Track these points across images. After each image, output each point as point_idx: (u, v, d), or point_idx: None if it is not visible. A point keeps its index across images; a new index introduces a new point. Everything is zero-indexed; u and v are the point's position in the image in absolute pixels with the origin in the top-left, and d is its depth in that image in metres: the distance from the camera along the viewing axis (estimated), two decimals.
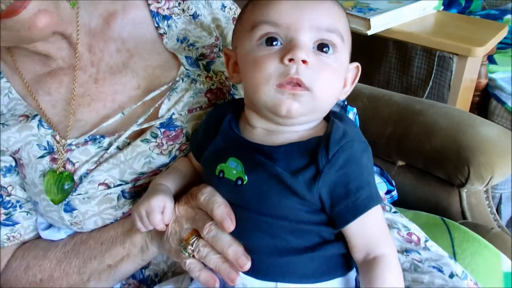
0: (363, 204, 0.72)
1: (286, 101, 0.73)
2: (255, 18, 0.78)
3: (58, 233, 1.00)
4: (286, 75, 0.73)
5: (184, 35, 1.05)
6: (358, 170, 0.73)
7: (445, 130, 1.33)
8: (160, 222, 0.83)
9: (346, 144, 0.74)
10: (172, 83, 1.00)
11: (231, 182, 0.78)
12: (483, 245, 1.11)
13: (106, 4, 1.03)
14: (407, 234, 0.96)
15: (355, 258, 0.76)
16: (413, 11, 1.94)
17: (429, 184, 1.41)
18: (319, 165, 0.73)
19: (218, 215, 0.78)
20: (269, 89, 0.74)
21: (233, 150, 0.80)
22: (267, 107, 0.76)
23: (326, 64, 0.75)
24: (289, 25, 0.75)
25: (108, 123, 0.97)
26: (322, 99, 0.75)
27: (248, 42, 0.79)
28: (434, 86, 2.26)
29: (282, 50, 0.74)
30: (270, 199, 0.75)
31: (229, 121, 0.85)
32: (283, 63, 0.73)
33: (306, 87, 0.73)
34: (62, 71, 0.99)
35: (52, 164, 0.94)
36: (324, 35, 0.76)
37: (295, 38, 0.74)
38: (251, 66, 0.77)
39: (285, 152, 0.76)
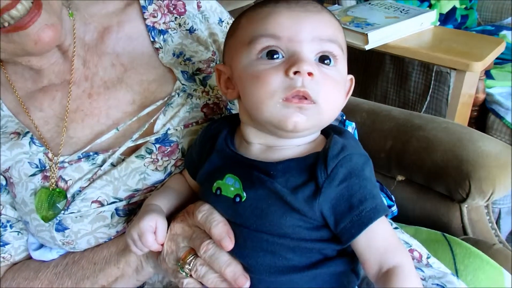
0: (368, 216, 0.70)
1: (292, 115, 0.71)
2: (253, 32, 0.76)
3: (50, 253, 0.99)
4: (292, 89, 0.70)
5: (181, 49, 1.04)
6: (360, 183, 0.71)
7: (445, 145, 1.32)
8: (153, 243, 0.81)
9: (345, 158, 0.72)
10: (167, 98, 0.99)
11: (229, 199, 0.76)
12: (485, 261, 1.10)
13: (101, 18, 1.02)
14: (409, 251, 0.95)
15: (370, 275, 0.73)
16: (410, 26, 1.95)
17: (430, 199, 1.39)
18: (318, 181, 0.71)
19: (216, 234, 0.75)
20: (274, 104, 0.72)
21: (230, 167, 0.79)
22: (272, 123, 0.73)
23: (329, 76, 0.74)
24: (290, 38, 0.73)
25: (102, 140, 0.95)
26: (327, 112, 0.74)
27: (246, 56, 0.76)
28: (431, 100, 2.26)
29: (286, 63, 0.72)
30: (270, 216, 0.73)
31: (224, 138, 0.83)
32: (288, 76, 0.71)
33: (313, 100, 0.71)
34: (54, 87, 0.98)
35: (44, 182, 0.93)
36: (325, 46, 0.74)
37: (298, 51, 0.73)
38: (253, 81, 0.74)
39: (283, 169, 0.74)
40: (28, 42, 0.82)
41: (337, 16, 2.02)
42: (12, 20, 0.78)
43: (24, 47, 0.83)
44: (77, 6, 0.99)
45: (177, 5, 1.05)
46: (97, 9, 1.02)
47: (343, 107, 0.84)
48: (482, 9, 2.92)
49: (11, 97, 0.98)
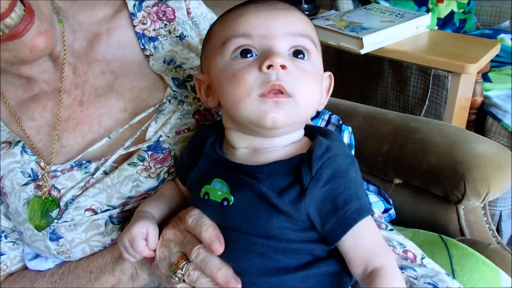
0: (353, 216, 0.70)
1: (270, 111, 0.71)
2: (225, 34, 0.77)
3: (45, 262, 0.98)
4: (267, 83, 0.70)
5: (171, 56, 1.03)
6: (345, 184, 0.71)
7: (441, 147, 1.33)
8: (145, 249, 0.80)
9: (329, 158, 0.71)
10: (159, 105, 0.98)
11: (216, 204, 0.76)
12: (481, 262, 1.10)
13: (89, 26, 1.02)
14: (403, 252, 0.95)
15: (355, 274, 0.72)
16: (406, 30, 1.94)
17: (427, 202, 1.39)
18: (303, 183, 0.70)
19: (206, 238, 0.75)
20: (252, 101, 0.71)
21: (217, 172, 0.79)
22: (251, 121, 0.73)
23: (304, 70, 0.74)
24: (262, 35, 0.74)
25: (94, 148, 0.95)
26: (304, 106, 0.73)
27: (220, 58, 0.77)
28: (430, 105, 2.26)
29: (259, 59, 0.72)
30: (257, 219, 0.72)
31: (212, 143, 0.83)
32: (262, 71, 0.71)
33: (288, 93, 0.71)
34: (46, 95, 0.97)
35: (37, 192, 0.93)
36: (298, 40, 0.75)
37: (271, 46, 0.73)
38: (229, 81, 0.74)
39: (269, 172, 0.74)
40: (23, 50, 0.82)
41: (333, 21, 2.03)
42: (7, 29, 0.78)
43: (19, 55, 0.83)
44: (65, 13, 0.99)
45: (166, 11, 1.05)
46: (86, 16, 1.02)
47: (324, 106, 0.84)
48: (481, 13, 2.93)
49: (2, 107, 0.98)
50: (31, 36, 0.81)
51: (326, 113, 1.45)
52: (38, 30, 0.82)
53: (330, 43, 1.99)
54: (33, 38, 0.81)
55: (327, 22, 2.04)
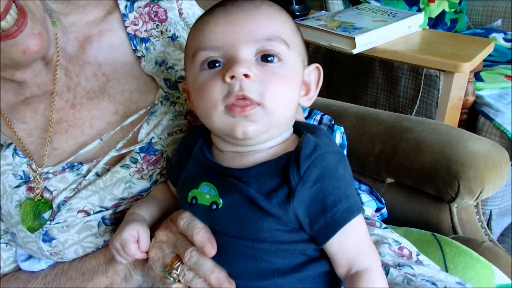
0: (342, 217, 0.69)
1: (239, 124, 0.71)
2: (194, 45, 0.77)
3: (38, 264, 0.98)
4: (231, 94, 0.70)
5: (163, 58, 1.03)
6: (334, 183, 0.70)
7: (434, 146, 1.33)
8: (137, 251, 0.81)
9: (318, 158, 0.70)
10: (151, 107, 0.98)
11: (205, 208, 0.75)
12: (475, 259, 1.09)
13: (81, 28, 1.01)
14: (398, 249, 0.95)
15: (339, 274, 0.72)
16: (398, 30, 1.94)
17: (419, 201, 1.39)
18: (291, 184, 0.70)
19: (198, 241, 0.75)
20: (219, 113, 0.72)
21: (205, 175, 0.78)
22: (223, 132, 0.74)
23: (273, 73, 0.73)
24: (227, 45, 0.73)
25: (86, 150, 0.95)
26: (276, 111, 0.72)
27: (192, 69, 0.77)
28: (421, 105, 2.26)
29: (223, 70, 0.72)
30: (247, 222, 0.72)
31: (200, 146, 0.83)
32: (226, 82, 0.71)
33: (256, 102, 0.70)
34: (37, 98, 0.97)
35: (29, 194, 0.92)
36: (264, 45, 0.73)
37: (234, 55, 0.72)
38: (198, 93, 0.75)
39: (256, 174, 0.73)
40: (17, 52, 0.82)
41: (324, 21, 2.03)
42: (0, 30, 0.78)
43: (13, 57, 0.83)
44: (57, 15, 0.98)
45: (158, 12, 1.05)
46: (77, 18, 1.01)
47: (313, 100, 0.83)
48: (472, 12, 2.93)
49: None
50: (24, 39, 0.81)
51: (318, 114, 1.45)
52: (32, 32, 0.82)
53: (322, 43, 1.98)
54: (26, 40, 0.81)
55: (319, 22, 2.03)
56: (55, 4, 0.98)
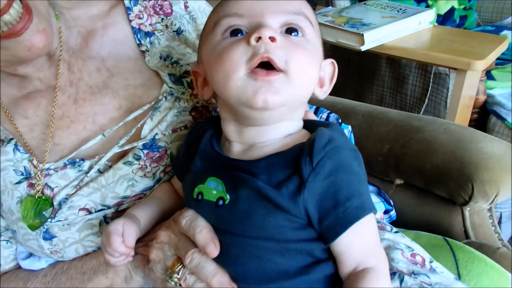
0: (354, 214, 0.67)
1: (260, 90, 0.67)
2: (216, 16, 0.75)
3: (38, 262, 0.98)
4: (255, 55, 0.68)
5: (168, 52, 1.02)
6: (347, 178, 0.68)
7: (446, 147, 1.31)
8: (120, 245, 0.79)
9: (332, 150, 0.68)
10: (155, 102, 0.97)
11: (211, 204, 0.74)
12: (489, 266, 1.07)
13: (84, 22, 1.01)
14: (411, 255, 0.93)
15: (342, 273, 0.70)
16: (408, 26, 1.92)
17: (430, 203, 1.38)
18: (303, 174, 0.67)
19: (200, 240, 0.74)
20: (240, 76, 0.69)
21: (213, 169, 0.77)
22: (241, 100, 0.70)
23: (298, 44, 0.71)
24: (253, 13, 0.72)
25: (88, 146, 0.94)
26: (299, 82, 0.70)
27: (212, 40, 0.75)
28: (429, 104, 2.25)
29: (248, 35, 0.70)
30: (253, 218, 0.70)
31: (209, 138, 0.81)
32: (250, 44, 0.68)
33: (280, 68, 0.68)
34: (39, 93, 0.96)
35: (30, 190, 0.91)
36: (290, 18, 0.73)
37: (260, 22, 0.71)
38: (217, 58, 0.72)
39: (266, 165, 0.71)
40: (22, 49, 0.82)
41: (331, 17, 2.01)
42: (5, 26, 0.77)
43: (17, 53, 0.83)
44: (60, 9, 0.98)
45: (163, 5, 1.04)
46: (81, 12, 1.00)
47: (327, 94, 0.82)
48: (482, 9, 2.92)
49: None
50: (29, 35, 0.81)
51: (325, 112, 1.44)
52: (37, 29, 0.82)
53: (329, 40, 1.97)
54: (31, 37, 0.81)
55: (326, 18, 2.02)
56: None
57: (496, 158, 1.25)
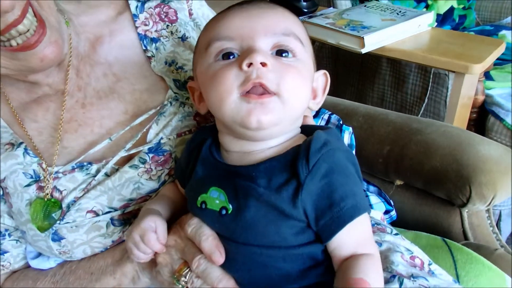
0: (348, 213, 0.69)
1: (254, 112, 0.70)
2: (208, 37, 0.77)
3: (47, 262, 0.99)
4: (247, 81, 0.69)
5: (173, 58, 1.03)
6: (342, 180, 0.70)
7: (444, 149, 1.31)
8: (156, 242, 0.80)
9: (328, 152, 0.70)
10: (160, 107, 0.98)
11: (215, 213, 0.75)
12: (487, 267, 1.08)
13: (92, 28, 1.01)
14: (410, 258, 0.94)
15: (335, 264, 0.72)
16: (407, 29, 1.92)
17: (429, 204, 1.38)
18: (300, 177, 0.69)
19: (206, 248, 0.75)
20: (234, 100, 0.71)
21: (214, 179, 0.78)
22: (236, 121, 0.72)
23: (289, 65, 0.73)
24: (244, 36, 0.73)
25: (96, 150, 0.95)
26: (291, 103, 0.72)
27: (205, 61, 0.77)
28: (429, 103, 2.25)
29: (239, 58, 0.72)
30: (256, 227, 0.71)
31: (209, 146, 0.83)
32: (242, 69, 0.70)
33: (272, 91, 0.70)
34: (49, 97, 0.97)
35: (39, 193, 0.93)
36: (280, 39, 0.74)
37: (251, 45, 0.72)
38: (211, 81, 0.74)
39: (265, 169, 0.73)
40: (34, 60, 0.82)
41: (332, 19, 2.02)
42: (18, 35, 0.78)
43: (29, 64, 0.84)
44: (69, 15, 0.99)
45: (169, 13, 1.05)
46: (89, 18, 1.01)
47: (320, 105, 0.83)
48: (481, 8, 2.91)
49: (5, 108, 0.98)
50: (42, 47, 0.81)
51: (326, 113, 1.44)
52: (49, 41, 0.82)
53: (330, 41, 1.97)
54: (44, 49, 0.82)
55: (327, 20, 2.02)
56: (67, 4, 0.98)
57: (493, 161, 1.25)
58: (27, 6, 0.78)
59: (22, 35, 0.78)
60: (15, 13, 0.76)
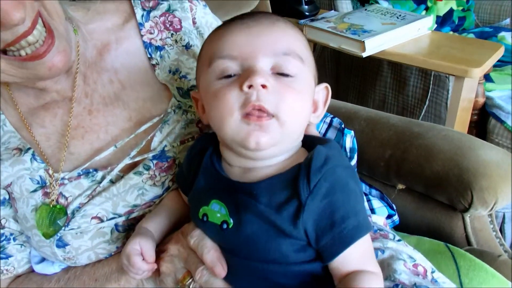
0: (350, 234, 0.69)
1: (253, 133, 0.70)
2: (211, 53, 0.77)
3: (51, 266, 0.99)
4: (248, 103, 0.70)
5: (177, 66, 1.04)
6: (343, 198, 0.70)
7: (446, 153, 1.30)
8: (142, 263, 0.81)
9: (328, 171, 0.70)
10: (163, 115, 0.99)
11: (216, 226, 0.75)
12: (490, 274, 1.07)
13: (99, 35, 1.02)
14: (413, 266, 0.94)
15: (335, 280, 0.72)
16: (407, 32, 1.93)
17: (431, 208, 1.38)
18: (301, 197, 0.69)
19: (208, 261, 0.76)
20: (234, 121, 0.71)
21: (216, 191, 0.78)
22: (235, 141, 0.73)
23: (289, 87, 0.73)
24: (245, 55, 0.74)
25: (101, 157, 0.96)
26: (290, 125, 0.72)
27: (207, 77, 0.77)
28: (430, 105, 2.25)
29: (241, 78, 0.72)
30: (256, 243, 0.72)
31: (210, 155, 0.83)
32: (243, 91, 0.71)
33: (271, 113, 0.71)
34: (56, 103, 0.98)
35: (45, 199, 0.93)
36: (281, 59, 0.74)
37: (252, 65, 0.73)
38: (213, 100, 0.74)
39: (266, 187, 0.73)
40: (42, 69, 0.83)
41: (333, 23, 2.02)
42: (28, 45, 0.79)
43: (37, 73, 0.84)
44: (77, 23, 0.99)
45: (173, 21, 1.06)
46: (96, 25, 1.02)
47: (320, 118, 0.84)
48: (480, 10, 2.91)
49: (14, 113, 0.99)
50: (50, 57, 0.82)
51: (328, 116, 1.44)
52: (57, 50, 0.83)
53: (331, 45, 1.98)
54: (52, 58, 0.82)
55: (328, 24, 2.03)
56: (75, 12, 0.99)
57: (494, 166, 1.25)
58: (37, 17, 0.79)
59: (31, 45, 0.79)
60: (26, 24, 0.76)
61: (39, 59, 0.80)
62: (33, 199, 0.94)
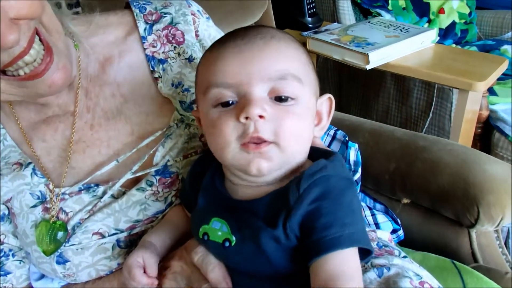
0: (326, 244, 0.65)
1: (254, 160, 0.70)
2: (206, 81, 0.76)
3: (51, 283, 0.99)
4: (246, 135, 0.70)
5: (179, 79, 1.03)
6: (333, 207, 0.68)
7: (451, 168, 1.29)
8: (142, 277, 0.80)
9: (322, 178, 0.69)
10: (166, 129, 0.98)
11: (217, 245, 0.74)
12: None
13: (102, 49, 1.02)
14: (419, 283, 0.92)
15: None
16: (411, 45, 1.93)
17: (437, 223, 1.36)
18: (290, 202, 0.68)
19: (213, 279, 0.76)
20: (233, 150, 0.71)
21: (217, 209, 0.77)
22: (236, 167, 0.73)
23: (287, 112, 0.72)
24: (240, 82, 0.72)
25: (103, 171, 0.95)
26: (290, 149, 0.72)
27: (205, 106, 0.77)
28: (434, 117, 2.25)
29: (237, 107, 0.71)
30: (259, 259, 0.71)
31: (212, 174, 0.82)
32: (239, 122, 0.70)
33: (270, 140, 0.70)
34: (58, 118, 0.98)
35: (45, 214, 0.93)
36: (277, 84, 0.72)
37: (248, 93, 0.71)
38: (210, 129, 0.75)
39: (266, 203, 0.72)
40: (42, 87, 0.82)
41: (337, 35, 2.03)
42: (25, 65, 0.78)
43: (37, 91, 0.83)
44: (79, 38, 0.99)
45: (176, 34, 1.05)
46: (98, 39, 1.01)
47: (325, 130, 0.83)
48: (482, 23, 2.91)
49: (15, 127, 0.98)
50: (50, 74, 0.81)
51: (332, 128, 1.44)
52: (57, 67, 0.82)
53: (335, 57, 1.98)
54: (52, 75, 0.81)
55: (332, 36, 2.04)
56: (77, 26, 0.98)
57: (500, 180, 1.23)
58: (33, 36, 0.78)
59: (29, 64, 0.78)
60: (21, 44, 0.75)
61: (38, 77, 0.79)
62: (33, 214, 0.93)
